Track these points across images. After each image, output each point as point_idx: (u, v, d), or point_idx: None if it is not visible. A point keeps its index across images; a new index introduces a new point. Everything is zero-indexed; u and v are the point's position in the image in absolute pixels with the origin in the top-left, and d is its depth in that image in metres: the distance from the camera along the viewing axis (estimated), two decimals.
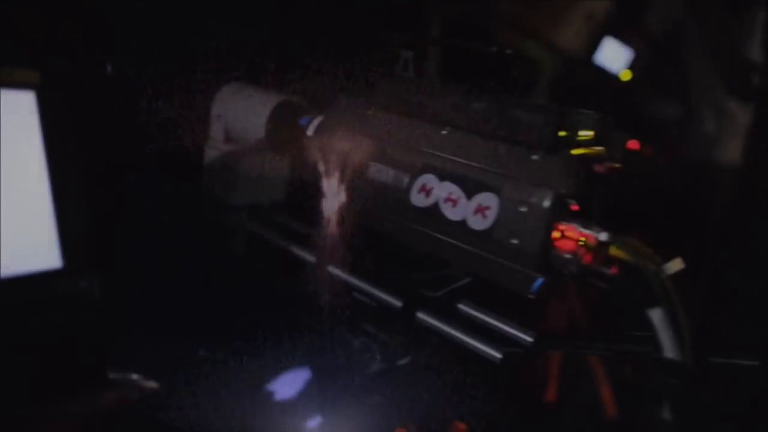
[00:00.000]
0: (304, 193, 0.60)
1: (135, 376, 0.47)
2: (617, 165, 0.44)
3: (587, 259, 0.40)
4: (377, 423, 0.61)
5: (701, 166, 2.11)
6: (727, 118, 2.00)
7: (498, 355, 0.47)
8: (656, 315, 0.38)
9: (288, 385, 0.72)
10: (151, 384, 0.47)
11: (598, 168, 0.42)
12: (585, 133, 0.47)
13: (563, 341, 0.52)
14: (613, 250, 0.43)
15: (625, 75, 1.65)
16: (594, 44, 1.59)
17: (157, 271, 0.71)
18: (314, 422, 0.64)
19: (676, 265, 0.44)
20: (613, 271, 0.39)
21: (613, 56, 1.62)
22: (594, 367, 1.48)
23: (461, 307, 0.56)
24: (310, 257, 0.61)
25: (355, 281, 0.57)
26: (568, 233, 0.41)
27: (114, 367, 0.47)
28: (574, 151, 0.44)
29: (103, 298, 0.46)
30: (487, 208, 0.43)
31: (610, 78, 1.68)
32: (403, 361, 0.65)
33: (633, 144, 2.02)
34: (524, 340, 0.52)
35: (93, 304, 0.46)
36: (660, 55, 2.00)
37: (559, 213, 0.40)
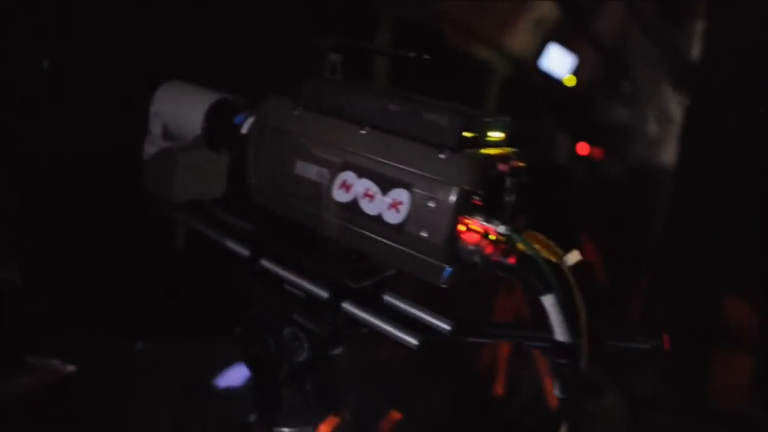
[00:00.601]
0: (242, 189, 0.62)
1: (55, 362, 0.48)
2: (522, 164, 0.47)
3: (489, 250, 0.43)
4: (309, 411, 0.63)
5: (645, 167, 2.20)
6: (669, 121, 2.09)
7: (414, 342, 0.51)
8: (548, 301, 0.41)
9: (230, 378, 0.74)
10: (70, 368, 0.48)
11: (502, 167, 0.46)
12: (495, 135, 0.50)
13: (480, 329, 0.55)
14: (521, 243, 0.47)
15: (569, 80, 1.71)
16: (540, 50, 1.65)
17: (95, 265, 0.71)
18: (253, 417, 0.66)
19: (574, 257, 0.48)
20: (510, 260, 0.43)
21: (558, 62, 1.69)
22: (538, 359, 1.54)
23: (386, 297, 0.59)
24: (244, 251, 0.63)
25: (285, 274, 0.59)
26: (472, 226, 0.44)
27: (38, 353, 0.48)
28: (485, 151, 0.48)
29: (29, 288, 0.47)
30: (400, 203, 0.46)
31: (556, 83, 1.74)
32: (337, 351, 0.68)
33: (583, 147, 2.11)
34: (443, 328, 0.55)
35: (15, 292, 0.47)
36: (608, 61, 2.08)
37: (464, 208, 0.44)
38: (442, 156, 0.44)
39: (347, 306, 0.54)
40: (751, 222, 1.83)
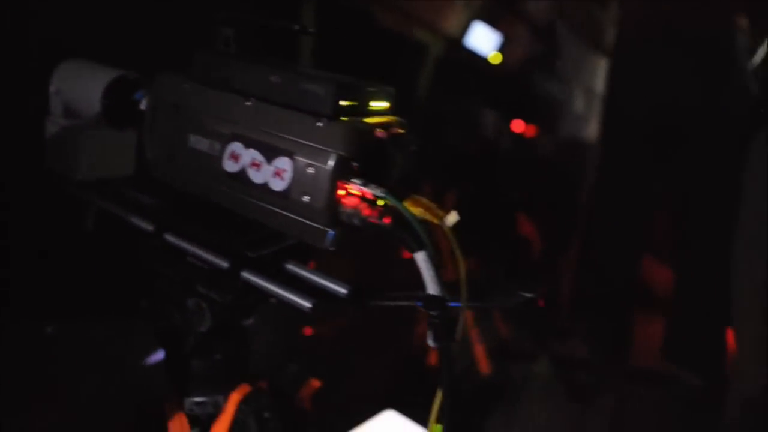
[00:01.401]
0: (146, 166, 0.63)
1: None
2: (401, 131, 0.50)
3: (366, 212, 0.46)
4: (220, 379, 0.65)
5: (573, 141, 2.28)
6: (594, 96, 2.18)
7: (307, 304, 0.53)
8: (420, 257, 0.44)
9: (143, 354, 0.74)
10: None
11: (381, 133, 0.48)
12: (378, 104, 0.52)
13: (376, 293, 0.58)
14: (410, 204, 0.50)
15: (495, 58, 1.76)
16: (466, 28, 1.69)
17: (1, 249, 0.71)
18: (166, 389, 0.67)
19: (453, 218, 0.51)
20: (386, 221, 0.45)
21: (483, 40, 1.73)
22: (469, 330, 1.60)
23: (288, 266, 0.61)
24: (148, 226, 0.64)
25: (187, 246, 0.60)
26: (351, 190, 0.47)
27: None
28: (368, 120, 0.50)
29: None
30: (284, 170, 0.48)
31: (483, 61, 1.79)
32: (248, 322, 0.70)
33: (518, 124, 2.18)
34: (339, 292, 0.58)
35: None
36: (535, 39, 2.14)
37: (342, 173, 0.46)
38: (319, 124, 0.46)
39: (246, 275, 0.56)
40: (665, 191, 1.93)
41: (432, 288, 0.45)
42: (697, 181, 1.63)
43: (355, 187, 0.46)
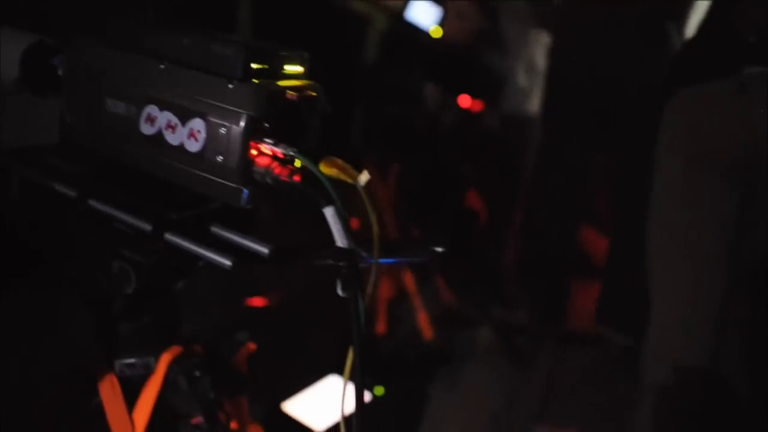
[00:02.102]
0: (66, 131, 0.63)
1: None
2: (313, 94, 0.52)
3: (278, 171, 0.48)
4: (150, 341, 0.67)
5: (516, 117, 2.34)
6: (536, 72, 2.23)
7: (227, 263, 0.55)
8: (328, 212, 0.47)
9: (73, 320, 0.75)
10: None
11: (291, 95, 0.50)
12: (292, 68, 0.54)
13: (297, 253, 0.60)
14: (324, 165, 0.52)
15: (436, 32, 1.78)
16: (407, 2, 1.70)
17: None
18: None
19: (365, 177, 0.54)
20: (296, 179, 0.48)
21: (423, 14, 1.75)
22: (413, 298, 1.65)
23: (213, 228, 0.63)
24: (72, 193, 0.64)
25: (111, 211, 0.61)
26: (263, 150, 0.49)
27: None
28: (280, 83, 0.52)
29: None
30: (198, 132, 0.49)
31: (424, 35, 1.81)
32: (178, 285, 0.71)
33: (464, 100, 2.21)
34: (261, 252, 0.60)
35: None
36: (477, 13, 2.17)
37: (254, 133, 0.48)
38: (230, 86, 0.48)
39: (169, 236, 0.58)
40: (602, 162, 2.01)
41: (340, 241, 0.47)
42: (631, 153, 1.69)
43: (266, 147, 0.48)
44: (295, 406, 1.18)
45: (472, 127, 2.25)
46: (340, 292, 0.48)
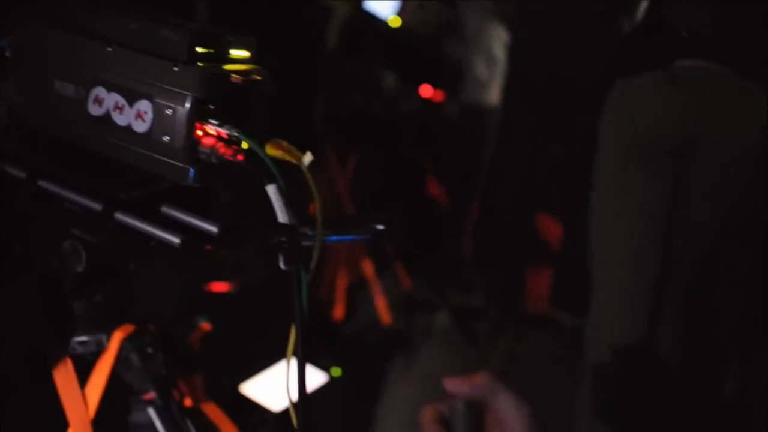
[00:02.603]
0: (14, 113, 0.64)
1: None
2: (258, 78, 0.54)
3: (222, 150, 0.50)
4: (102, 320, 0.68)
5: (475, 106, 2.38)
6: (494, 62, 2.28)
7: (176, 240, 0.57)
8: (271, 190, 0.49)
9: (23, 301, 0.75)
10: None
11: (236, 79, 0.52)
12: (238, 53, 0.56)
13: (246, 232, 0.63)
14: (270, 147, 0.54)
15: (394, 21, 1.81)
16: None
17: None
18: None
19: (308, 158, 0.57)
20: (239, 158, 0.50)
21: (381, 3, 1.77)
22: (371, 285, 1.69)
23: (164, 208, 0.64)
24: (21, 174, 0.65)
25: (61, 191, 0.62)
26: (208, 131, 0.51)
27: None
28: (226, 66, 0.54)
29: None
30: (145, 113, 0.51)
31: (383, 24, 1.83)
32: (130, 265, 0.73)
33: (426, 90, 2.24)
34: (211, 231, 0.62)
35: None
36: (439, 4, 2.20)
37: (199, 114, 0.50)
38: (176, 69, 0.50)
39: (119, 216, 0.59)
40: (557, 152, 2.08)
41: (282, 217, 0.50)
42: (582, 142, 1.75)
43: (212, 128, 0.51)
44: (252, 388, 1.20)
45: (432, 117, 2.29)
46: (282, 266, 0.51)
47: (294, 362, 0.59)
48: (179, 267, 1.35)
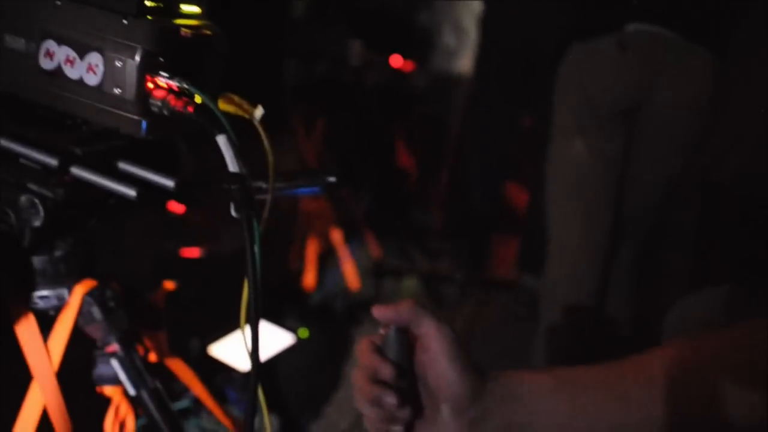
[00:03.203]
0: None
1: None
2: (208, 33, 0.56)
3: (173, 102, 0.52)
4: (62, 274, 0.70)
5: (444, 76, 2.40)
6: (463, 32, 2.29)
7: (132, 193, 0.59)
8: (221, 140, 0.51)
9: None
10: None
11: (185, 32, 0.53)
12: (189, 8, 0.58)
13: (204, 186, 0.64)
14: (223, 101, 0.56)
15: None
16: None
17: None
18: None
19: (259, 112, 0.58)
20: (189, 110, 0.51)
21: None
22: (340, 252, 1.71)
23: (121, 164, 0.66)
24: None
25: (17, 148, 0.63)
26: (159, 83, 0.52)
27: None
28: (176, 21, 0.55)
29: None
30: (96, 65, 0.52)
31: None
32: (90, 222, 0.74)
33: (396, 60, 2.23)
34: (167, 185, 0.64)
35: None
36: None
37: (149, 67, 0.51)
38: (125, 21, 0.51)
39: (76, 170, 0.61)
40: (525, 120, 2.11)
41: (232, 166, 0.52)
42: (548, 111, 1.78)
43: (162, 81, 0.52)
44: (221, 349, 1.23)
45: (402, 87, 2.30)
46: (233, 213, 0.53)
47: (248, 311, 0.62)
48: (151, 231, 1.35)
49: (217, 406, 1.00)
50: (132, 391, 0.72)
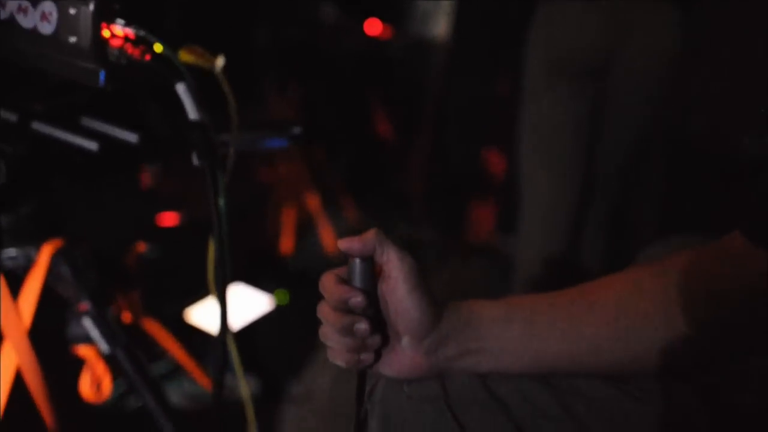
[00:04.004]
0: None
1: None
2: None
3: (130, 50, 0.51)
4: (30, 233, 0.69)
5: (422, 42, 2.37)
6: None
7: (93, 147, 0.58)
8: (180, 88, 0.51)
9: None
10: None
11: None
12: None
13: (164, 141, 0.64)
14: (184, 52, 0.55)
15: None
16: None
17: None
18: None
19: (220, 62, 0.58)
20: (147, 58, 0.51)
21: None
22: (318, 218, 1.71)
23: (84, 118, 0.65)
24: None
25: None
26: (116, 32, 0.51)
27: None
28: None
29: None
30: (50, 14, 0.51)
31: None
32: (59, 181, 0.73)
33: (372, 24, 2.20)
34: (130, 139, 0.63)
35: None
36: None
37: (104, 14, 0.50)
38: None
39: (37, 126, 0.60)
40: (504, 87, 2.11)
41: (193, 114, 0.52)
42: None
43: (119, 28, 0.51)
44: (197, 314, 1.23)
45: (378, 52, 2.28)
46: (195, 162, 0.53)
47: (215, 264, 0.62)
48: (126, 195, 1.34)
49: (195, 368, 1.01)
50: (106, 349, 0.73)
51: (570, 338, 0.41)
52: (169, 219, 1.52)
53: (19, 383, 0.72)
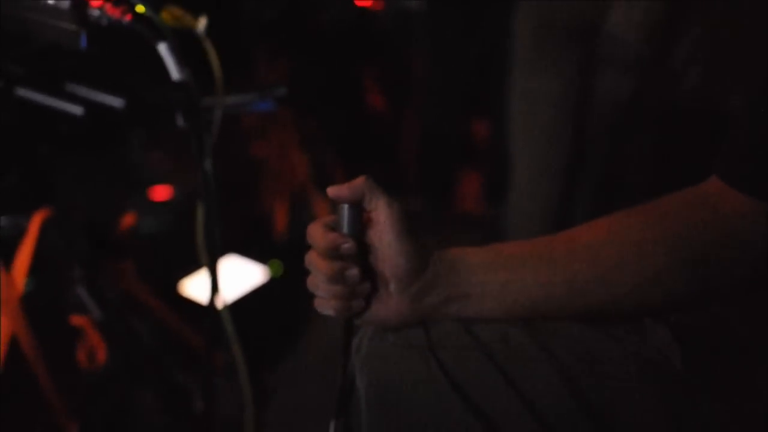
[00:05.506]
0: None
1: None
2: None
3: (111, 11, 0.51)
4: (19, 203, 0.69)
5: (404, 12, 2.35)
6: None
7: (78, 111, 0.58)
8: (162, 48, 0.51)
9: None
10: None
11: None
12: None
13: (154, 108, 0.64)
14: (165, 13, 0.55)
15: None
16: None
17: None
18: None
19: (203, 23, 0.58)
20: (127, 18, 0.51)
21: None
22: (311, 191, 1.72)
23: (69, 83, 0.65)
24: None
25: None
26: None
27: None
28: None
29: None
30: None
31: None
32: (43, 150, 0.73)
33: None
34: (114, 104, 0.63)
35: None
36: None
37: None
38: None
39: (22, 91, 0.60)
40: (483, 56, 2.10)
41: (175, 74, 0.52)
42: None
43: None
44: (191, 286, 1.24)
45: (368, 24, 2.26)
46: (180, 123, 0.53)
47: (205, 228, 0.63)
48: (119, 167, 1.33)
49: (190, 337, 1.02)
50: (99, 317, 0.73)
51: (551, 282, 0.42)
52: (161, 193, 1.53)
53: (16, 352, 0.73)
